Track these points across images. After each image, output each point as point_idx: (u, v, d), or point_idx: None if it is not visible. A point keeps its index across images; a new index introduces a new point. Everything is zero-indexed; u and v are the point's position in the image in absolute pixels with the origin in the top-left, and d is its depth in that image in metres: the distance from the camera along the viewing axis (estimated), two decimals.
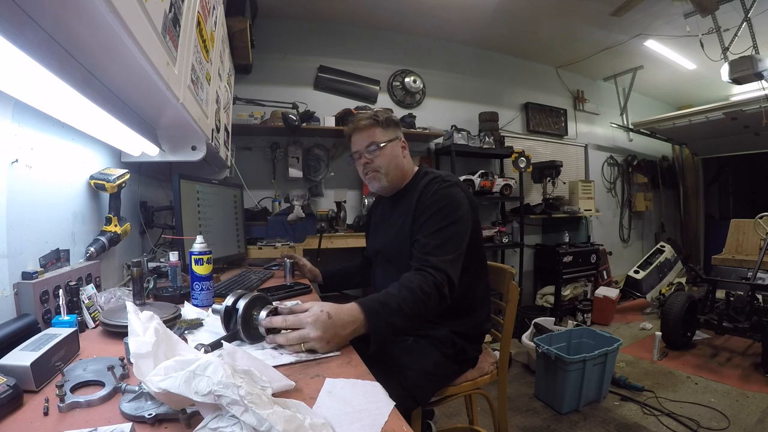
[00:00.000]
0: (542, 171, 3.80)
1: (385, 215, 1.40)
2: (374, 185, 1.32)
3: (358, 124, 1.30)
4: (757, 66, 2.90)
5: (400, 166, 1.30)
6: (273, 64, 3.02)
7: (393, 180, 1.29)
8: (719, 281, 3.00)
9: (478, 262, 1.26)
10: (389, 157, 1.27)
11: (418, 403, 1.10)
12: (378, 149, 1.26)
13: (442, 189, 1.17)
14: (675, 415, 2.07)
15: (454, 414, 2.11)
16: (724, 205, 5.69)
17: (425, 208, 1.15)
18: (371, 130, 1.27)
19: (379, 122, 1.27)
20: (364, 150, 1.28)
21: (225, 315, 0.86)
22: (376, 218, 1.48)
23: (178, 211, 1.47)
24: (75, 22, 0.59)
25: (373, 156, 1.27)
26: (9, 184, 0.85)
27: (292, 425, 0.47)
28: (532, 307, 3.58)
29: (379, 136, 1.27)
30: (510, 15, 3.18)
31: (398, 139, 1.30)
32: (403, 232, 1.21)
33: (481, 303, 1.28)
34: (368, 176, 1.30)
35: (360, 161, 1.30)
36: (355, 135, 1.30)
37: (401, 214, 1.26)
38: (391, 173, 1.28)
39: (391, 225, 1.31)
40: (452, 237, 1.10)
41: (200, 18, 1.13)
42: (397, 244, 1.25)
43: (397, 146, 1.30)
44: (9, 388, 0.55)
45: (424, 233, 1.11)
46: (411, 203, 1.21)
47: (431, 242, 1.08)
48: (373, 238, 1.47)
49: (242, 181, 2.44)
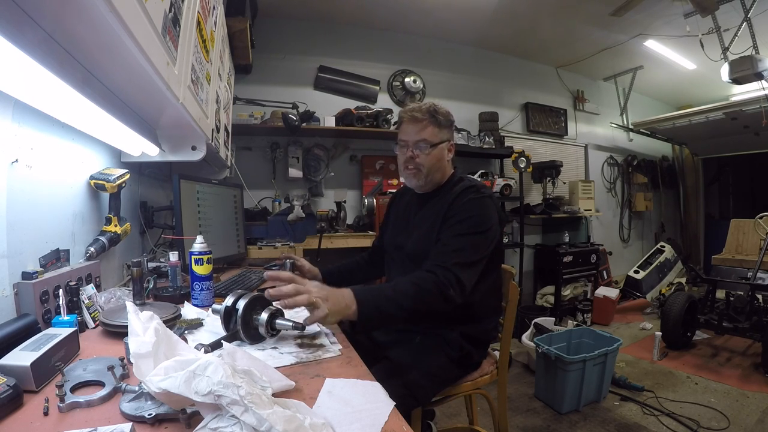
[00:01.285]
0: (542, 171, 3.80)
1: (410, 211, 1.34)
2: (411, 181, 1.27)
3: (414, 114, 1.23)
4: (757, 66, 2.90)
5: (442, 168, 1.26)
6: (273, 64, 3.02)
7: (432, 181, 1.26)
8: (719, 281, 3.00)
9: (494, 268, 1.24)
10: (436, 158, 1.23)
11: (418, 403, 1.10)
12: (428, 148, 1.21)
13: (477, 199, 1.15)
14: (675, 415, 2.07)
15: (454, 414, 2.11)
16: (724, 205, 5.69)
17: (456, 214, 1.14)
18: (427, 126, 1.22)
19: (437, 121, 1.22)
20: (413, 144, 1.22)
21: (225, 315, 0.86)
22: (398, 211, 1.41)
23: (178, 211, 1.47)
24: (75, 22, 0.59)
25: (421, 153, 1.21)
26: (9, 184, 0.85)
27: (292, 425, 0.47)
28: (532, 307, 3.58)
29: (432, 135, 1.21)
30: (510, 15, 3.17)
31: (449, 141, 1.26)
32: (432, 234, 1.18)
33: (492, 308, 1.28)
34: (408, 170, 1.24)
35: (405, 152, 1.24)
36: (408, 124, 1.24)
37: (431, 216, 1.22)
38: (432, 174, 1.24)
39: (418, 224, 1.27)
40: (474, 245, 1.09)
41: (200, 18, 1.13)
42: (423, 245, 1.18)
43: (446, 149, 1.25)
44: (9, 388, 0.55)
45: (446, 235, 1.10)
46: (443, 207, 1.18)
47: (451, 245, 1.07)
48: (392, 233, 1.39)
49: (242, 181, 2.44)
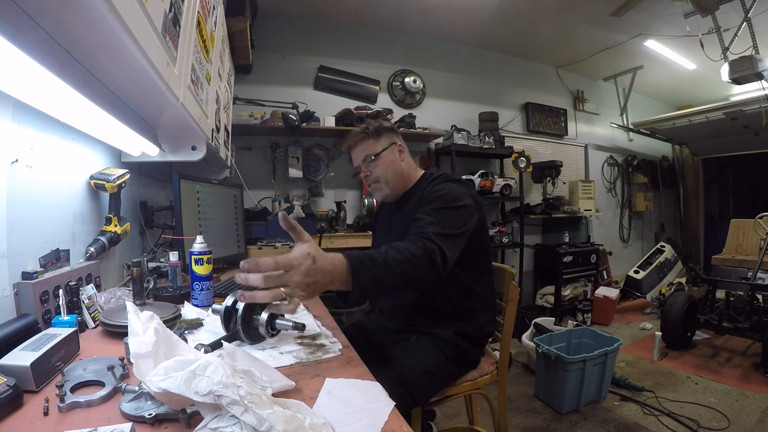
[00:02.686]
0: (542, 171, 3.80)
1: (389, 219, 1.39)
2: (378, 195, 1.35)
3: (351, 141, 1.33)
4: (757, 66, 2.90)
5: (399, 171, 1.30)
6: (273, 64, 3.02)
7: (395, 186, 1.31)
8: (719, 281, 3.00)
9: (483, 262, 1.25)
10: (386, 164, 1.28)
11: (417, 403, 1.09)
12: (374, 160, 1.28)
13: (446, 182, 1.18)
14: (675, 415, 2.07)
15: (454, 414, 2.11)
16: (724, 205, 5.69)
17: (427, 198, 1.14)
18: (364, 143, 1.30)
19: (369, 134, 1.29)
20: (362, 164, 1.30)
21: (225, 315, 0.86)
22: (381, 220, 1.48)
23: (178, 211, 1.47)
24: (75, 22, 0.59)
25: (371, 167, 1.29)
26: (9, 184, 0.85)
27: (292, 425, 0.47)
28: (532, 307, 3.59)
29: (372, 147, 1.29)
30: (510, 15, 3.18)
31: (394, 144, 1.31)
32: (407, 231, 1.18)
33: (485, 304, 1.28)
34: (372, 187, 1.33)
35: (361, 174, 1.33)
36: (352, 152, 1.34)
37: (407, 214, 1.23)
38: (391, 180, 1.29)
39: (397, 225, 1.30)
40: (450, 218, 1.06)
41: (200, 18, 1.13)
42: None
43: (393, 152, 1.30)
44: (9, 388, 0.55)
45: (421, 213, 1.07)
46: (417, 202, 1.19)
47: (425, 219, 1.04)
48: (379, 242, 1.46)
49: (242, 181, 2.44)
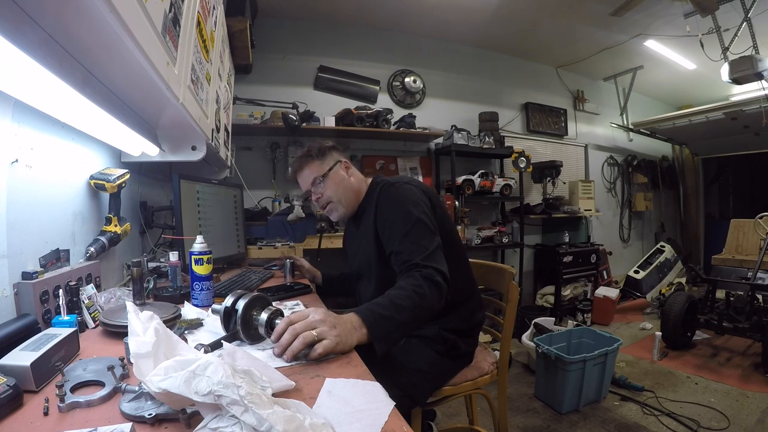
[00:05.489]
0: (542, 171, 3.80)
1: (353, 236, 1.40)
2: (335, 216, 1.33)
3: (296, 166, 1.32)
4: (757, 66, 2.90)
5: (349, 188, 1.30)
6: (273, 64, 3.02)
7: (348, 203, 1.30)
8: (719, 281, 3.00)
9: (454, 254, 1.22)
10: (336, 183, 1.28)
11: (415, 403, 1.09)
12: (323, 180, 1.28)
13: (394, 192, 1.17)
14: (675, 415, 2.07)
15: (454, 414, 2.11)
16: (724, 205, 5.69)
17: (385, 218, 1.14)
18: (310, 165, 1.29)
19: (314, 155, 1.29)
20: (311, 187, 1.30)
21: (225, 315, 0.86)
22: (347, 239, 1.50)
23: (178, 211, 1.47)
24: (75, 22, 0.59)
25: (320, 190, 1.29)
26: (9, 184, 0.85)
27: (292, 425, 0.47)
28: (532, 307, 3.58)
29: (319, 168, 1.28)
30: (510, 15, 3.18)
31: (339, 162, 1.30)
32: (369, 245, 1.21)
33: (467, 295, 1.26)
34: (326, 209, 1.32)
35: (313, 198, 1.32)
36: (299, 177, 1.33)
37: (364, 231, 1.26)
38: (344, 198, 1.29)
39: (359, 243, 1.32)
40: (423, 234, 1.07)
41: (200, 18, 1.13)
42: (366, 258, 1.25)
43: (340, 170, 1.30)
44: (9, 388, 0.55)
45: (395, 243, 1.09)
46: (370, 217, 1.21)
47: (406, 248, 1.06)
48: (350, 261, 1.46)
49: (242, 181, 2.44)
